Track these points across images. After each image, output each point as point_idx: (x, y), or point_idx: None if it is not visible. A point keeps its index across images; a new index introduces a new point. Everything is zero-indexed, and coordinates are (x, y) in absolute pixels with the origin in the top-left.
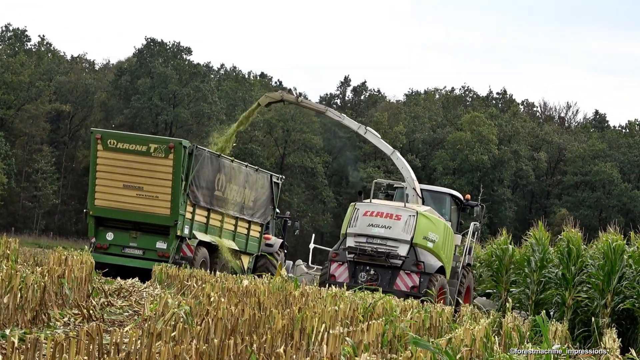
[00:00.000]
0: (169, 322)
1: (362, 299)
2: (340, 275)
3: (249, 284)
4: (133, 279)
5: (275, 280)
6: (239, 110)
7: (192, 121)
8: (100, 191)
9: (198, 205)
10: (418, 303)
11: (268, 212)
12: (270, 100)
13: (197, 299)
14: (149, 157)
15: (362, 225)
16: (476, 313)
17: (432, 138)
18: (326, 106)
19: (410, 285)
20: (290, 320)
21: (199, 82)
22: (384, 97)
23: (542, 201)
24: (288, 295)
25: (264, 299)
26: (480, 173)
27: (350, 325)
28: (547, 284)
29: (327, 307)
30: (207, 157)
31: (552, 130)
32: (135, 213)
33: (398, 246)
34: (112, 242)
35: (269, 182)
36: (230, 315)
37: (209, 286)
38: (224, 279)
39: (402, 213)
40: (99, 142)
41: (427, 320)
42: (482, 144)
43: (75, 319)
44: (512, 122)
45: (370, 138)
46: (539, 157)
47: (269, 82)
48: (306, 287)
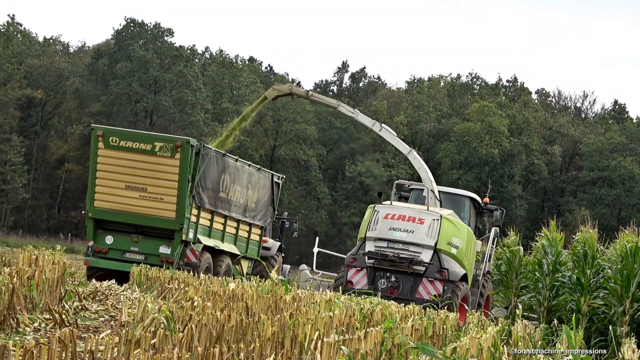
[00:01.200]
0: (148, 328)
1: (359, 304)
2: (358, 281)
3: (235, 287)
4: (109, 281)
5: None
6: (226, 98)
7: (175, 109)
8: (101, 192)
9: (203, 207)
10: (420, 309)
11: (268, 214)
12: (278, 94)
13: (180, 303)
14: (154, 157)
15: (383, 229)
16: (483, 321)
17: (436, 129)
18: (338, 101)
19: (433, 293)
20: (281, 327)
21: (182, 67)
22: (384, 84)
23: (555, 199)
24: (278, 300)
25: (252, 304)
26: (489, 168)
27: (346, 333)
28: (560, 289)
29: (321, 313)
30: (213, 156)
31: (567, 122)
32: (138, 216)
33: (421, 252)
34: (112, 246)
35: (270, 182)
36: (215, 321)
37: (192, 289)
38: (208, 282)
39: (426, 217)
40: (100, 139)
41: (429, 327)
42: (492, 136)
43: (47, 324)
44: (523, 112)
45: (386, 136)
46: (553, 151)
47: (259, 67)
48: (298, 292)
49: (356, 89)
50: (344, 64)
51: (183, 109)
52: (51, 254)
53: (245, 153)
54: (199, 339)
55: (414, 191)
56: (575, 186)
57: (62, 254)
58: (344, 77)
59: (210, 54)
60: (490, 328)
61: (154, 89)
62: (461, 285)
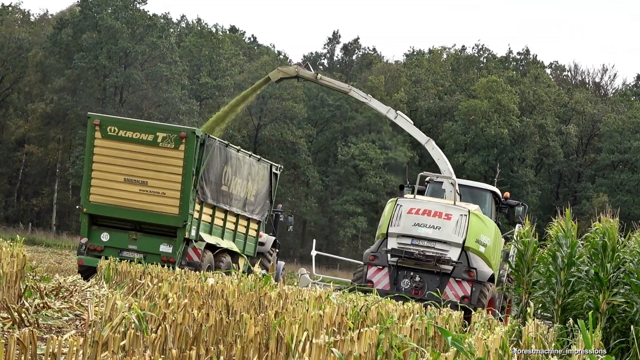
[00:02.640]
0: (117, 329)
1: (352, 301)
2: (379, 281)
3: (215, 283)
4: (74, 276)
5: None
6: (204, 72)
7: (148, 85)
8: (97, 185)
9: (205, 202)
10: (420, 307)
11: (265, 208)
12: (284, 76)
13: (152, 300)
14: (156, 148)
15: (407, 225)
16: (490, 320)
17: (438, 107)
18: (350, 85)
19: (460, 295)
20: (265, 327)
21: (156, 38)
22: (380, 57)
23: (571, 184)
24: (262, 297)
25: (233, 301)
26: (498, 150)
27: (338, 334)
28: (576, 285)
29: (310, 311)
30: (217, 147)
31: (584, 99)
32: (137, 211)
33: (448, 250)
34: (108, 244)
35: (269, 174)
36: (192, 321)
37: (166, 285)
38: (185, 277)
39: (453, 212)
40: (97, 128)
41: (431, 328)
42: (501, 115)
43: (4, 324)
44: (536, 88)
45: (402, 124)
46: (568, 131)
47: (241, 38)
48: (284, 288)
49: (349, 63)
50: (335, 34)
51: (157, 84)
52: (9, 245)
53: (225, 134)
54: (174, 340)
55: (430, 184)
56: (593, 170)
57: (21, 245)
58: (335, 49)
59: (186, 24)
60: (499, 328)
61: (124, 62)
62: (489, 287)
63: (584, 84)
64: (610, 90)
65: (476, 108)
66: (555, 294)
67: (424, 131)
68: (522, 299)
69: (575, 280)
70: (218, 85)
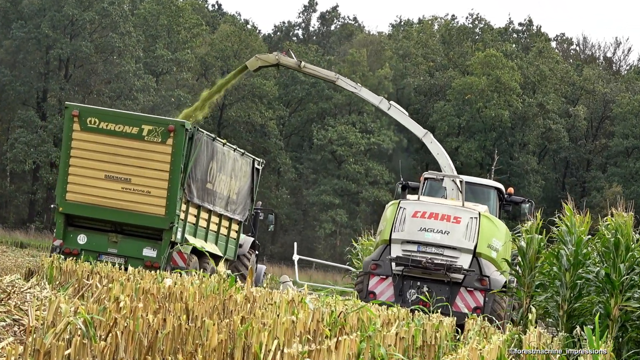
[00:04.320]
0: (61, 336)
1: (329, 306)
2: (382, 292)
3: (173, 284)
4: (13, 276)
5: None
6: (161, 44)
7: (97, 57)
8: (75, 182)
9: (191, 202)
10: (407, 313)
11: (247, 207)
12: (263, 64)
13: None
14: (141, 142)
15: (412, 230)
16: (486, 327)
17: (428, 85)
18: (337, 73)
19: (472, 306)
20: (230, 334)
21: (107, 4)
22: (361, 27)
23: (579, 173)
24: (227, 300)
25: (193, 305)
26: (496, 134)
27: (313, 343)
28: (584, 289)
29: (282, 317)
30: (205, 141)
31: (594, 76)
32: (119, 212)
33: (458, 256)
34: (85, 246)
35: (251, 169)
36: (146, 327)
37: (117, 286)
38: (138, 277)
39: (462, 214)
40: (76, 120)
41: (418, 336)
42: (500, 94)
43: None
44: (539, 63)
45: (396, 115)
46: (576, 113)
47: (204, 6)
48: (252, 290)
49: (326, 34)
50: (311, 1)
51: (108, 57)
52: None
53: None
54: (126, 349)
55: (428, 180)
56: (604, 158)
57: None
58: (311, 18)
59: None
60: (496, 337)
61: (70, 32)
62: (504, 296)
63: (594, 60)
64: (623, 66)
65: (472, 86)
66: (560, 299)
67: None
68: (523, 303)
69: (582, 282)
70: (177, 59)
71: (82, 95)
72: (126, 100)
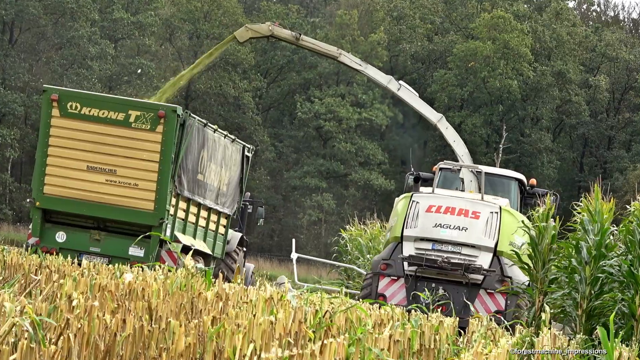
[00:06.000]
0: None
1: (314, 304)
2: (393, 294)
3: (133, 280)
4: None
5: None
6: (119, 5)
7: (47, 20)
8: (53, 174)
9: (181, 195)
10: (402, 313)
11: (236, 199)
12: (253, 35)
13: (52, 302)
14: (128, 129)
15: (426, 226)
16: (493, 329)
17: (427, 51)
18: (339, 49)
19: (493, 309)
20: (199, 337)
21: None
22: None
23: (600, 152)
24: (196, 298)
25: (157, 304)
26: (505, 107)
27: (295, 347)
28: (606, 284)
29: (259, 317)
30: (196, 127)
31: (617, 41)
32: (103, 207)
33: (477, 255)
34: (65, 245)
35: (241, 157)
36: (103, 329)
37: (70, 282)
38: (94, 272)
39: (481, 209)
40: (55, 105)
41: (415, 339)
42: (509, 62)
43: None
44: (555, 26)
45: (406, 97)
46: (597, 83)
47: None
48: (225, 287)
49: None
50: None
51: (58, 19)
52: None
53: (149, 84)
54: (80, 354)
55: (442, 171)
56: (628, 134)
57: None
58: None
59: None
60: (504, 340)
61: None
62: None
63: (618, 22)
64: None
65: (477, 52)
66: (578, 296)
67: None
68: (535, 301)
69: (605, 277)
70: (138, 22)
71: (29, 63)
72: (80, 68)
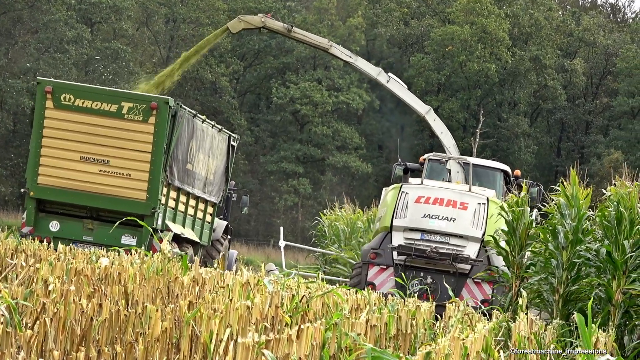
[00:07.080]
0: None
1: (291, 289)
2: (382, 283)
3: (109, 265)
4: None
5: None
6: None
7: (22, 3)
8: (47, 164)
9: (172, 184)
10: (379, 297)
11: (222, 188)
12: (246, 26)
13: (28, 286)
14: (121, 121)
15: (415, 216)
16: (470, 314)
17: (403, 35)
18: (330, 41)
19: (480, 298)
20: (176, 322)
21: None
22: None
23: (577, 137)
24: (172, 283)
25: (133, 288)
26: (482, 92)
27: (271, 331)
28: (583, 269)
29: (235, 301)
30: (187, 118)
31: (595, 25)
32: (96, 196)
33: (465, 245)
34: (58, 234)
35: (227, 146)
36: (79, 313)
37: (46, 267)
38: (70, 256)
39: (469, 199)
40: (49, 96)
41: (392, 324)
42: (487, 46)
43: None
44: (532, 11)
45: (395, 89)
46: (574, 68)
47: None
48: (201, 271)
49: None
50: None
51: (34, 3)
52: None
53: (124, 69)
54: (56, 338)
55: (430, 162)
56: (606, 119)
57: None
58: None
59: None
60: (481, 325)
61: None
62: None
63: (595, 7)
64: (629, 14)
65: (454, 36)
66: (555, 281)
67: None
68: (511, 286)
69: (581, 262)
70: (115, 5)
71: (5, 47)
72: (56, 52)
